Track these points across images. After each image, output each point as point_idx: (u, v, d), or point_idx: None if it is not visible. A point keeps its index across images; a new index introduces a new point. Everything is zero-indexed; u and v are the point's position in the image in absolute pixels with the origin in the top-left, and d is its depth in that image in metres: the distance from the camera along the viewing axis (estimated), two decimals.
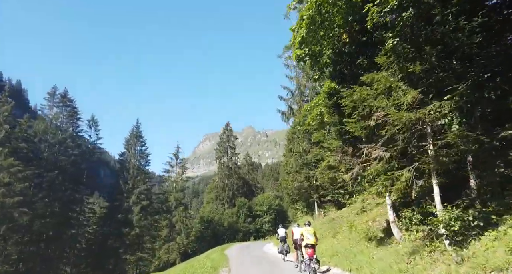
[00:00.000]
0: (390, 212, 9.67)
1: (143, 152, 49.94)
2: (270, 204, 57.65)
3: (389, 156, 6.67)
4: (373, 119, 6.55)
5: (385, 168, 6.90)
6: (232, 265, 14.99)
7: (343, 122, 9.49)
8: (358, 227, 13.64)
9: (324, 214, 24.48)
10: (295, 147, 27.39)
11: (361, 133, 7.23)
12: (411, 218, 8.70)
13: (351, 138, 9.85)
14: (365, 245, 11.39)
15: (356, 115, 7.18)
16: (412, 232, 8.74)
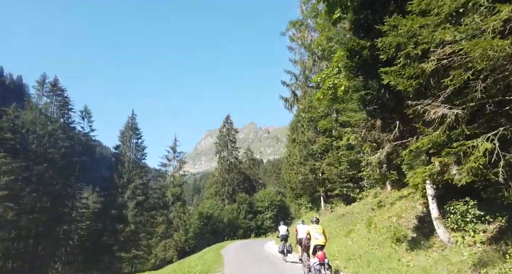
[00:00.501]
0: (433, 205, 7.29)
1: (139, 145, 47.72)
2: (271, 200, 55.41)
3: (454, 117, 4.33)
4: (432, 60, 4.23)
5: (446, 136, 4.55)
6: (226, 268, 12.68)
7: (368, 86, 7.16)
8: (378, 225, 11.30)
9: (331, 210, 22.15)
10: (299, 137, 25.02)
11: (408, 86, 4.92)
12: (464, 213, 6.39)
13: (378, 108, 7.46)
14: (392, 247, 9.06)
15: (400, 59, 4.81)
16: (466, 233, 6.43)
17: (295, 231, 11.62)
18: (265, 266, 12.82)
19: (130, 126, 47.11)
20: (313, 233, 8.66)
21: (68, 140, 39.78)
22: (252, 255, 16.81)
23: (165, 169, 49.69)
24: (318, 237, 8.47)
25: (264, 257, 16.00)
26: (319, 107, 22.22)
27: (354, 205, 19.98)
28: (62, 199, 39.95)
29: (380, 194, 18.62)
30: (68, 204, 41.05)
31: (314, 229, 8.77)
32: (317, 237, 8.49)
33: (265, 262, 13.97)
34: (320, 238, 8.44)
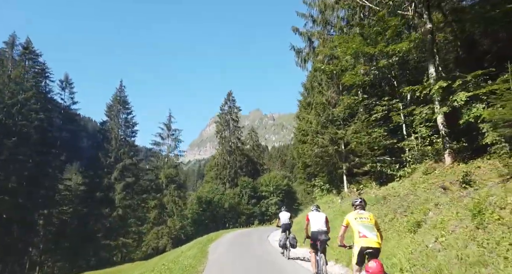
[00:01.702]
0: None
1: (128, 121, 42.32)
2: (277, 184, 50.28)
3: None
4: None
5: None
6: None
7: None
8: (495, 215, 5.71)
9: (359, 192, 16.65)
10: (315, 98, 19.35)
11: None
12: None
13: None
14: None
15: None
16: None
17: (306, 220, 7.92)
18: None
19: (118, 99, 41.66)
20: (357, 226, 4.83)
21: (43, 112, 34.43)
22: (250, 257, 11.34)
23: (158, 149, 44.42)
24: (367, 234, 4.68)
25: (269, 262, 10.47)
26: (344, 57, 16.51)
27: (394, 185, 14.43)
28: (40, 179, 35.00)
29: (435, 170, 13.10)
30: (45, 185, 36.07)
31: (359, 220, 4.92)
32: (365, 233, 4.70)
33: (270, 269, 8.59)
34: (371, 236, 4.66)
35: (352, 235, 4.88)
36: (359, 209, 5.10)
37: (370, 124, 16.61)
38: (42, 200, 35.50)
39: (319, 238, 6.98)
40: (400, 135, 16.15)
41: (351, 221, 4.90)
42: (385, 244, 7.72)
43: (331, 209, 17.23)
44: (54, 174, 37.05)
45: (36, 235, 35.35)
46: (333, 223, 14.14)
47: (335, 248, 8.09)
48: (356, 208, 5.15)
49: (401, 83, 16.27)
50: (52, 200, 36.72)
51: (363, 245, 4.53)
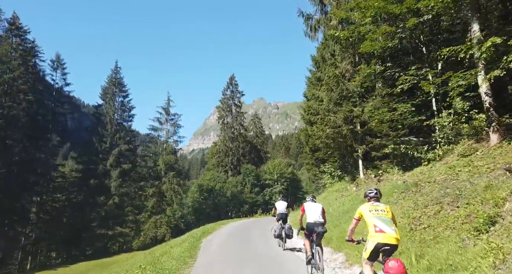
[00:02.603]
0: None
1: (124, 104, 40.02)
2: (281, 172, 48.14)
3: None
4: None
5: None
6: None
7: None
8: None
9: (378, 178, 14.32)
10: (327, 71, 16.84)
11: None
12: None
13: None
14: None
15: None
16: None
17: (301, 211, 7.39)
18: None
19: (114, 81, 39.29)
20: (373, 219, 4.12)
21: (33, 93, 32.19)
22: (249, 250, 9.05)
23: (156, 134, 42.18)
24: (385, 229, 3.98)
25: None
26: (362, 21, 13.94)
27: (423, 170, 12.09)
28: (31, 165, 33.05)
29: (476, 151, 10.79)
30: (39, 172, 34.13)
31: (375, 212, 4.19)
32: (382, 227, 3.99)
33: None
34: (389, 231, 3.95)
35: (366, 229, 4.34)
36: (373, 201, 4.49)
37: (392, 99, 14.17)
38: (34, 187, 33.65)
39: (316, 230, 6.49)
40: (429, 112, 13.72)
41: (365, 214, 4.32)
42: (438, 249, 5.50)
43: (344, 197, 14.96)
44: (47, 159, 35.02)
45: (28, 223, 33.62)
46: (350, 214, 11.88)
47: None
48: (370, 199, 4.53)
49: (431, 49, 13.75)
50: (45, 186, 34.87)
51: (380, 241, 3.95)
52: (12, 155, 31.11)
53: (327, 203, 16.18)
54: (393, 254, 4.03)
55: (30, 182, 32.93)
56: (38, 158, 34.16)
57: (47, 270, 29.75)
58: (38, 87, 33.95)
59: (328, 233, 10.79)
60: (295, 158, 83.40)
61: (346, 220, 11.12)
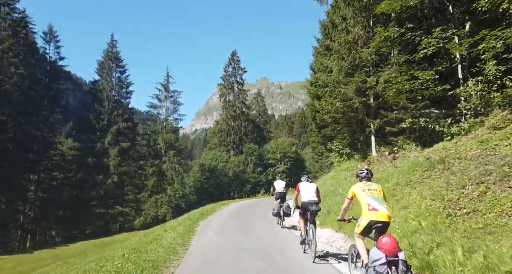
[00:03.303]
0: None
1: (122, 80, 38.40)
2: (284, 151, 46.92)
3: None
4: None
5: None
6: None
7: None
8: None
9: (393, 156, 12.96)
10: (338, 37, 15.13)
11: None
12: None
13: None
14: None
15: None
16: None
17: (297, 190, 7.28)
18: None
19: (110, 56, 37.51)
20: (366, 198, 4.31)
21: (25, 67, 30.61)
22: (252, 248, 7.78)
23: (156, 112, 40.78)
24: (377, 207, 4.17)
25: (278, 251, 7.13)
26: None
27: (446, 146, 10.68)
28: (27, 142, 31.99)
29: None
30: (36, 150, 33.12)
31: (368, 192, 4.38)
32: (375, 206, 4.18)
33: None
34: (381, 209, 4.14)
35: (359, 208, 4.40)
36: (365, 181, 4.60)
37: (411, 67, 12.59)
38: (31, 165, 32.76)
39: (310, 209, 6.65)
40: (453, 80, 12.16)
41: (358, 193, 4.45)
42: (494, 241, 4.20)
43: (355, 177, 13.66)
44: (43, 136, 33.86)
45: (26, 201, 32.92)
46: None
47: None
48: (362, 179, 4.66)
49: (459, 7, 12.04)
50: (43, 165, 33.93)
51: (372, 218, 4.08)
52: (6, 131, 29.94)
53: (336, 182, 14.94)
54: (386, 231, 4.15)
55: (26, 160, 32.00)
56: (34, 135, 33.08)
57: (46, 249, 29.28)
58: (31, 60, 32.28)
59: (337, 214, 9.60)
60: (298, 138, 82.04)
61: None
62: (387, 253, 3.63)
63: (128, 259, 6.69)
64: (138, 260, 6.39)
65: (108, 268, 6.29)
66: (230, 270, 5.61)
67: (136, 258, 6.69)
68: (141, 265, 5.80)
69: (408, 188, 8.47)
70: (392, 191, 9.04)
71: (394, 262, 3.62)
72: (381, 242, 3.74)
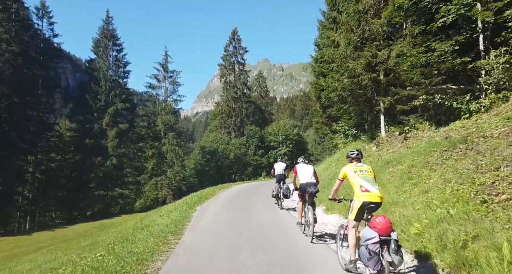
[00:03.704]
0: None
1: (119, 59, 37.15)
2: (286, 134, 46.02)
3: None
4: None
5: None
6: None
7: None
8: None
9: (404, 136, 12.04)
10: (346, 7, 13.86)
11: None
12: None
13: None
14: None
15: None
16: None
17: (294, 172, 7.47)
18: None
19: (106, 33, 36.11)
20: (358, 179, 4.33)
21: (17, 44, 29.36)
22: (253, 239, 7.02)
23: (154, 93, 39.65)
24: (370, 188, 4.22)
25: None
26: None
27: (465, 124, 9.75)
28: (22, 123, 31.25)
29: None
30: (33, 130, 32.35)
31: (360, 173, 4.42)
32: (367, 187, 4.23)
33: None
34: (373, 190, 4.21)
35: (352, 189, 4.42)
36: (356, 162, 4.63)
37: (427, 39, 11.47)
38: (28, 146, 32.09)
39: (308, 190, 6.68)
40: (472, 53, 11.06)
41: (349, 174, 4.45)
42: None
43: (364, 159, 12.79)
44: (39, 117, 32.96)
45: (24, 183, 32.43)
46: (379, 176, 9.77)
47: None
48: (352, 160, 4.68)
49: None
50: (40, 146, 33.23)
51: (365, 199, 4.14)
52: (0, 111, 29.05)
53: (342, 165, 14.07)
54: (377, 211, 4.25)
55: (23, 141, 31.35)
56: (30, 115, 32.25)
57: (45, 231, 29.03)
58: (23, 37, 30.98)
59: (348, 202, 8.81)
60: (301, 120, 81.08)
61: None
62: (380, 233, 3.68)
63: (113, 250, 5.91)
64: (122, 251, 5.61)
65: (88, 260, 5.51)
66: (224, 266, 4.81)
67: (122, 249, 5.91)
68: (124, 258, 5.01)
69: (426, 170, 7.61)
70: (407, 173, 8.19)
71: (386, 242, 3.67)
72: (375, 221, 3.78)
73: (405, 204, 6.34)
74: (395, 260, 3.57)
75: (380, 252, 3.64)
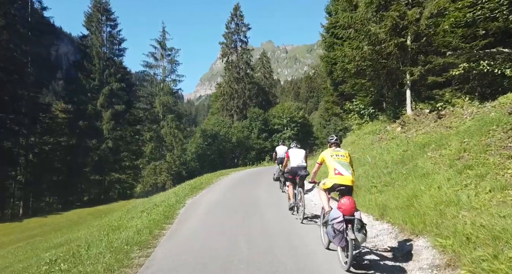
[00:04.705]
0: None
1: (113, 35, 34.74)
2: (291, 116, 43.83)
3: None
4: None
5: None
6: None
7: None
8: None
9: (438, 114, 9.93)
10: None
11: None
12: None
13: None
14: None
15: None
16: None
17: (286, 156, 7.64)
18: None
19: (98, 6, 33.57)
20: (333, 163, 4.66)
21: (2, 17, 27.06)
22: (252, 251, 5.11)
23: (152, 72, 37.41)
24: (343, 172, 4.54)
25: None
26: None
27: None
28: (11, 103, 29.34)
29: None
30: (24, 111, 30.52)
31: (336, 157, 4.75)
32: (340, 171, 4.56)
33: None
34: (346, 174, 4.53)
35: (327, 171, 4.72)
36: (334, 147, 4.98)
37: None
38: (20, 128, 30.38)
39: (299, 173, 6.96)
40: None
41: (327, 158, 4.80)
42: None
43: (387, 142, 10.73)
44: (30, 97, 31.03)
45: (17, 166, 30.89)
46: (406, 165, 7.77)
47: None
48: (331, 145, 5.04)
49: None
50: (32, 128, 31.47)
51: (337, 182, 4.47)
52: None
53: (359, 149, 12.00)
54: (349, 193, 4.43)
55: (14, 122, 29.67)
56: (21, 95, 30.33)
57: (37, 217, 27.67)
58: (9, 10, 28.67)
59: (380, 197, 6.82)
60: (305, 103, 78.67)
61: (404, 176, 7.00)
62: (345, 213, 3.99)
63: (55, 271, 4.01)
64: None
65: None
66: None
67: (67, 269, 4.00)
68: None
69: (489, 156, 5.57)
70: (458, 160, 6.15)
71: (351, 220, 3.95)
72: (340, 203, 4.13)
73: (473, 206, 4.35)
74: (358, 237, 3.83)
75: (344, 230, 3.92)
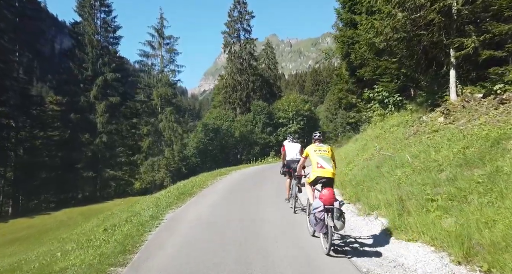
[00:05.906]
0: None
1: (108, 22, 32.49)
2: (297, 109, 41.46)
3: None
4: None
5: None
6: None
7: None
8: None
9: (499, 99, 7.58)
10: None
11: None
12: None
13: None
14: None
15: None
16: None
17: (282, 150, 7.96)
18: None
19: None
20: (316, 157, 5.17)
21: None
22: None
23: (149, 62, 35.09)
24: (324, 165, 5.04)
25: None
26: None
27: None
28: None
29: None
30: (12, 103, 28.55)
31: (318, 152, 5.25)
32: (322, 164, 5.05)
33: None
34: (327, 167, 5.02)
35: (312, 165, 5.14)
36: (318, 142, 5.43)
37: None
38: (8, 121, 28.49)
39: (292, 166, 7.12)
40: None
41: (310, 153, 5.26)
42: None
43: (430, 135, 8.36)
44: (19, 87, 29.04)
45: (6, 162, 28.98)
46: (479, 164, 5.49)
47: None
48: (315, 141, 5.47)
49: None
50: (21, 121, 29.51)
51: (319, 174, 4.93)
52: None
53: (391, 145, 9.53)
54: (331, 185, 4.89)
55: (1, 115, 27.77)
56: (9, 86, 28.34)
57: (24, 218, 25.80)
58: None
59: (448, 219, 4.52)
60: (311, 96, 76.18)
61: (482, 186, 4.63)
62: (325, 203, 4.44)
63: None
64: None
65: None
66: None
67: None
68: None
69: None
70: None
71: (330, 210, 4.40)
72: (321, 193, 4.62)
73: None
74: (337, 225, 4.33)
75: (325, 218, 4.39)
